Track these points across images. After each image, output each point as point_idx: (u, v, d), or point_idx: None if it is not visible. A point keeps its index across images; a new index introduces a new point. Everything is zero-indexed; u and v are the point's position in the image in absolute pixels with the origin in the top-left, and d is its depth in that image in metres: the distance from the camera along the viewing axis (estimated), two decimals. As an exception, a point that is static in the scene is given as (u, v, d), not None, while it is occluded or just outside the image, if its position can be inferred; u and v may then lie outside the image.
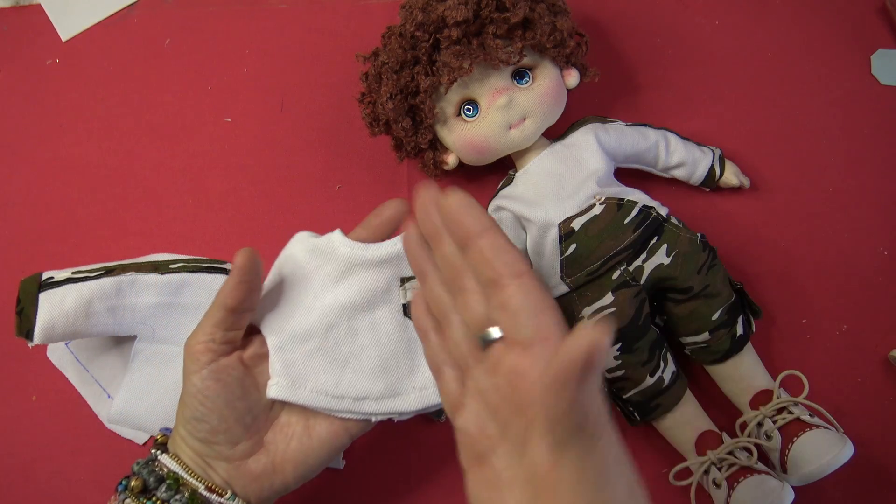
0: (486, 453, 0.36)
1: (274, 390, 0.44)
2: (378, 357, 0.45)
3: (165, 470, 0.43)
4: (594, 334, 0.30)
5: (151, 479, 0.43)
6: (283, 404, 0.46)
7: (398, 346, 0.45)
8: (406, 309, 0.45)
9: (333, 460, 0.51)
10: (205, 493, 0.42)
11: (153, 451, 0.45)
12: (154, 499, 0.42)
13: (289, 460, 0.44)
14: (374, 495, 0.54)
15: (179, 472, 0.43)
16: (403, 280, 0.45)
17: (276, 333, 0.45)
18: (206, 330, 0.43)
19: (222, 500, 0.42)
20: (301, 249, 0.45)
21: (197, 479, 0.42)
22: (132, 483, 0.42)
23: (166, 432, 0.46)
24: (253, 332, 0.46)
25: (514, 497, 0.35)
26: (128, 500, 0.42)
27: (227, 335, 0.44)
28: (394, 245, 0.44)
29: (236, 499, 0.43)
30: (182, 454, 0.44)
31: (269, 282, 0.46)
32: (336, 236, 0.45)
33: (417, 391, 0.45)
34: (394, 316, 0.45)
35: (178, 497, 0.42)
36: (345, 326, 0.45)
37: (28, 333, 0.49)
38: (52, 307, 0.49)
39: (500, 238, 0.36)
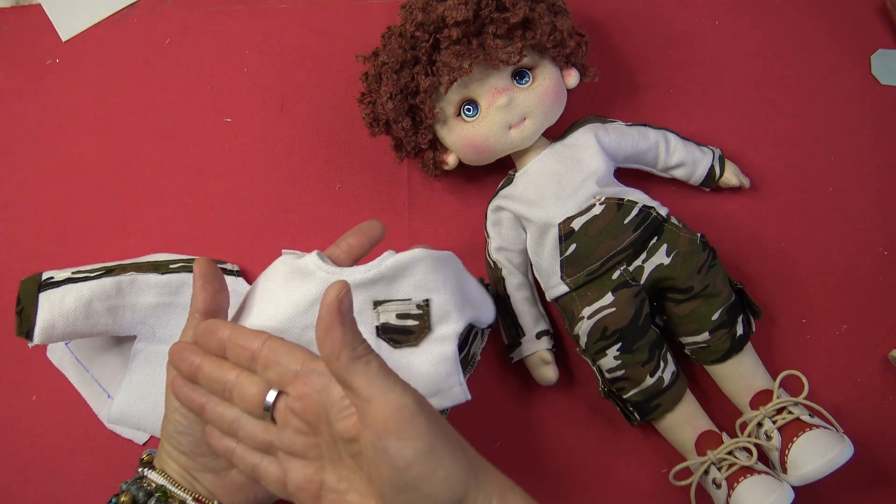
0: (318, 490, 0.39)
1: None
2: None
3: (154, 485, 0.44)
4: (335, 287, 0.36)
5: (140, 495, 0.44)
6: None
7: None
8: (378, 330, 0.46)
9: None
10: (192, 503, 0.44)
11: (139, 469, 0.45)
12: None
13: None
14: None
15: (167, 486, 0.44)
16: (376, 303, 0.46)
17: None
18: (186, 337, 0.45)
19: None
20: (283, 271, 0.47)
21: (184, 492, 0.44)
22: (122, 499, 0.43)
23: (151, 453, 0.47)
24: None
25: (362, 490, 0.38)
26: None
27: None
28: (367, 271, 0.45)
29: None
30: (168, 469, 0.45)
31: (252, 299, 0.47)
32: (313, 259, 0.46)
33: None
34: (367, 337, 0.46)
35: None
36: None
37: (28, 333, 0.49)
38: (51, 307, 0.49)
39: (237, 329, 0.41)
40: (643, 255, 0.51)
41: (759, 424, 0.51)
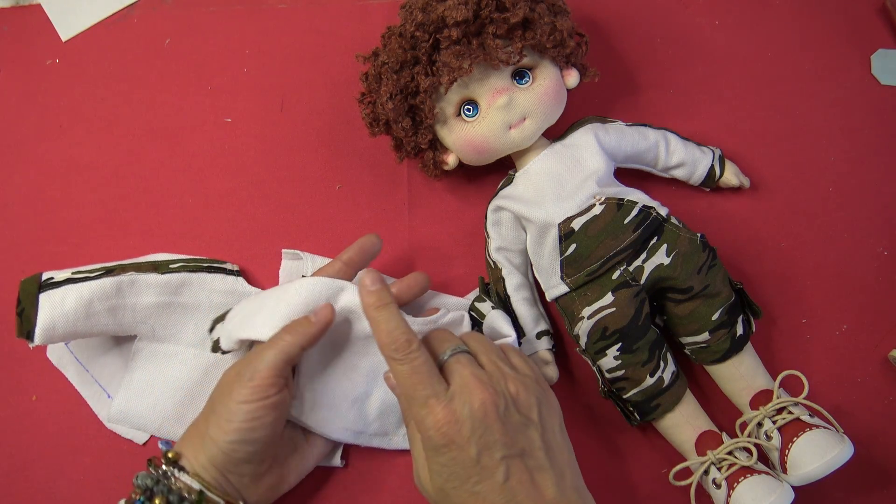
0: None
1: (294, 410, 0.51)
2: (382, 403, 0.52)
3: (184, 486, 0.45)
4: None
5: (173, 498, 0.45)
6: (286, 420, 0.50)
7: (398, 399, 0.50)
8: None
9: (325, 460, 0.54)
10: None
11: (166, 468, 0.46)
12: None
13: (292, 470, 0.51)
14: (373, 495, 0.54)
15: (205, 491, 0.46)
16: None
17: (310, 362, 0.51)
18: (278, 366, 0.46)
19: None
20: (353, 302, 0.50)
21: (216, 494, 0.46)
22: (156, 502, 0.44)
23: (167, 447, 0.48)
24: None
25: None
26: None
27: (287, 370, 0.47)
28: (423, 324, 0.50)
29: None
30: (203, 472, 0.46)
31: (291, 305, 0.50)
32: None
33: (401, 436, 0.54)
34: None
35: None
36: (364, 371, 0.52)
37: (29, 334, 0.49)
38: (52, 308, 0.49)
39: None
40: (643, 255, 0.51)
41: (759, 424, 0.51)
